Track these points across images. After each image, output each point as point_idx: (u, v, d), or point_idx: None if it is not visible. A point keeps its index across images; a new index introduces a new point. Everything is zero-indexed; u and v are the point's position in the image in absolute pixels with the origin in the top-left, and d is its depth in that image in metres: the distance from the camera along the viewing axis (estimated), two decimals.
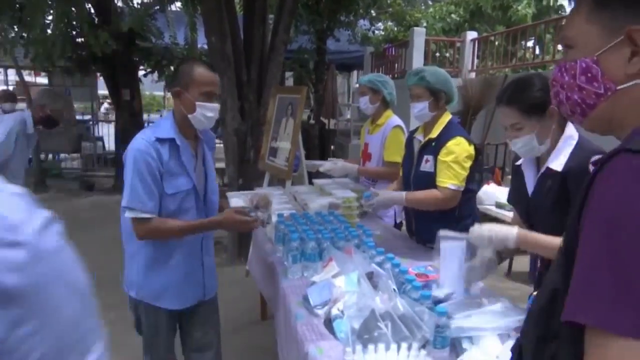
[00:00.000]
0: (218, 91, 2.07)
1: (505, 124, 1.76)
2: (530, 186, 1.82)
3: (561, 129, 1.74)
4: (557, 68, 0.84)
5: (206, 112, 1.98)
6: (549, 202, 1.71)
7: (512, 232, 1.65)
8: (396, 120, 3.23)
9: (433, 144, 2.47)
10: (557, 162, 1.69)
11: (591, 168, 0.70)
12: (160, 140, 1.92)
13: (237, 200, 2.69)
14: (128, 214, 1.91)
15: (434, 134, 2.49)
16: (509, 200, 2.06)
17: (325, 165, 3.37)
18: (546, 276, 0.85)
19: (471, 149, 2.39)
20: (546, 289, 0.78)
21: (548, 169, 1.72)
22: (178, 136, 1.97)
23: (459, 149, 2.35)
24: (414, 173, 2.56)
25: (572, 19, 0.81)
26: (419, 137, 2.61)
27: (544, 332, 0.75)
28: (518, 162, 1.92)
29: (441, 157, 2.39)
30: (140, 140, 1.90)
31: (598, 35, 0.76)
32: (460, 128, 2.59)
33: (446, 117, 2.52)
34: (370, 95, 3.26)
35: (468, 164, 2.37)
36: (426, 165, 2.47)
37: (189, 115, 1.97)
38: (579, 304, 0.63)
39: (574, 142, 1.69)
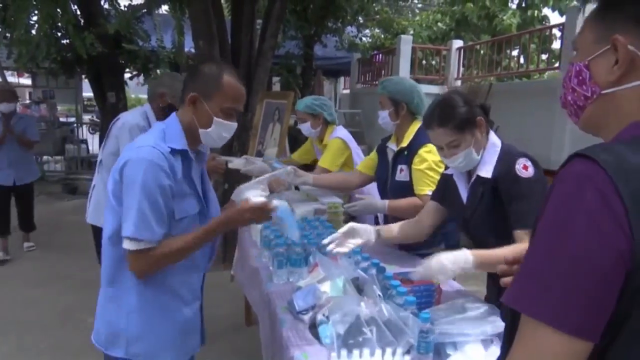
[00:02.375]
0: (241, 109, 1.68)
1: (440, 144, 1.82)
2: (463, 195, 1.92)
3: (486, 138, 1.84)
4: (567, 70, 0.90)
5: (222, 132, 1.61)
6: (483, 208, 1.81)
7: (468, 258, 1.62)
8: (337, 132, 3.17)
9: (405, 152, 2.49)
10: (486, 169, 1.80)
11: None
12: (173, 151, 1.52)
13: (256, 192, 2.24)
14: (129, 245, 1.47)
15: (405, 142, 2.51)
16: (432, 197, 2.16)
17: (235, 162, 3.15)
18: None
19: None
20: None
21: (478, 176, 1.82)
22: (189, 147, 1.59)
23: (431, 155, 2.38)
24: (390, 183, 2.57)
25: (583, 24, 0.85)
26: (392, 146, 2.62)
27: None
28: (447, 172, 2.02)
29: (415, 165, 2.42)
30: (151, 150, 1.47)
31: (593, 42, 0.81)
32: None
33: (415, 125, 2.52)
34: (311, 121, 3.19)
35: (442, 168, 2.39)
36: (401, 175, 2.49)
37: (201, 130, 1.59)
38: (510, 290, 0.72)
39: (498, 149, 1.81)
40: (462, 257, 1.62)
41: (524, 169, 1.70)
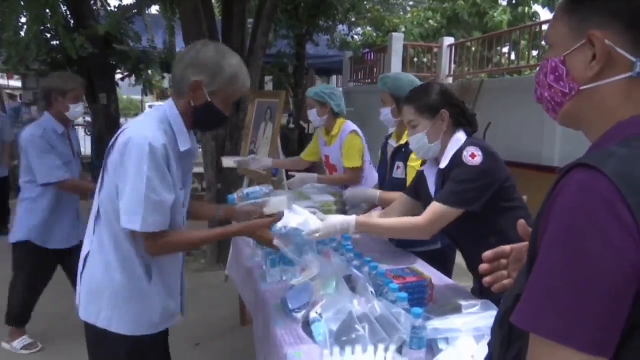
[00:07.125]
0: None
1: (406, 120, 1.96)
2: (432, 189, 1.97)
3: (452, 134, 1.89)
4: (540, 66, 0.88)
5: None
6: None
7: (351, 222, 1.86)
8: (350, 126, 3.22)
9: (403, 149, 2.48)
10: (444, 162, 1.86)
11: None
12: None
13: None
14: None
15: (404, 139, 2.49)
16: (406, 192, 2.20)
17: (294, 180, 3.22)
18: (515, 278, 0.87)
19: None
20: (512, 292, 0.79)
21: (439, 169, 1.89)
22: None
23: None
24: (387, 180, 2.57)
25: (554, 18, 0.84)
26: (392, 142, 2.63)
27: (509, 334, 0.77)
28: (421, 169, 2.10)
29: (410, 162, 2.41)
30: None
31: (568, 37, 0.79)
32: None
33: None
34: (318, 108, 3.23)
35: None
36: (397, 172, 2.49)
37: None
38: (524, 311, 0.67)
39: (461, 144, 1.84)
40: (347, 225, 1.86)
41: (471, 157, 1.74)
